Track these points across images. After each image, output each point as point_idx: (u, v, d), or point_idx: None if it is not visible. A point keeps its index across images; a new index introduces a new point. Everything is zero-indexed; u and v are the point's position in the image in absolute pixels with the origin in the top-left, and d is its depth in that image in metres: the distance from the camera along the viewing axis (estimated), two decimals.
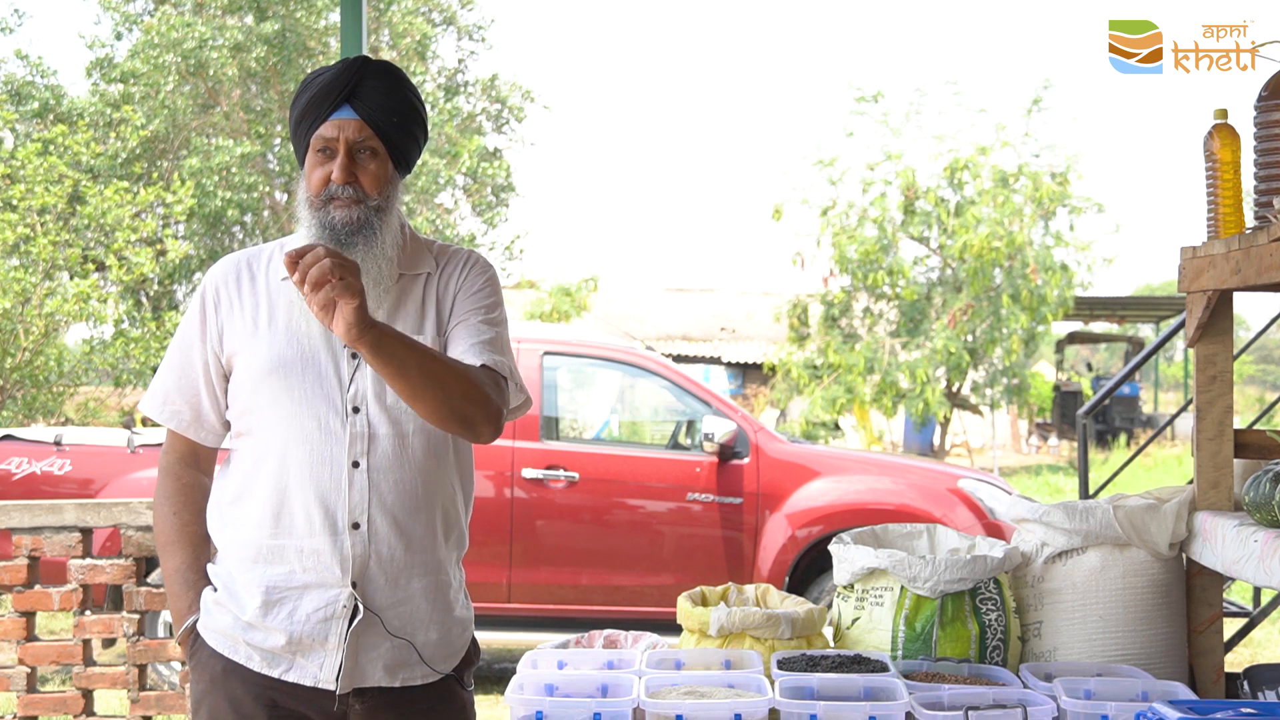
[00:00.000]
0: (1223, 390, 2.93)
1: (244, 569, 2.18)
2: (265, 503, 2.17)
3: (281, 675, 2.17)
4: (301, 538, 2.15)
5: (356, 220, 2.15)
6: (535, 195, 74.10)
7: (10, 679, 3.92)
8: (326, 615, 2.15)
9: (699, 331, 25.67)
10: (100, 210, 13.09)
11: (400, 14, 20.13)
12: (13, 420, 12.31)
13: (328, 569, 2.14)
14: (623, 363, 6.79)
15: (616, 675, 2.44)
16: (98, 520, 3.93)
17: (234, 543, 2.21)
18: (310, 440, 2.15)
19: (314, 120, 2.16)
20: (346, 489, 2.15)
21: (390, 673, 2.19)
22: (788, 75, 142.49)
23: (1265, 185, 2.59)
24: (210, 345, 2.25)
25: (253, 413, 2.20)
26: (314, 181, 2.17)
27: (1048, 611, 2.84)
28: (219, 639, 2.21)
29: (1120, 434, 21.64)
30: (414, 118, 2.24)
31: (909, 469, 6.89)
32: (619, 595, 6.23)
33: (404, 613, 2.19)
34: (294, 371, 2.17)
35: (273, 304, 2.24)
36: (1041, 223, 18.04)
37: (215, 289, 2.27)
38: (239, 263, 2.30)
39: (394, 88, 2.20)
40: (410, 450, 2.19)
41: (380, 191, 2.18)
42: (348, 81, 2.15)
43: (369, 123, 2.16)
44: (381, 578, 2.17)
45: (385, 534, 2.16)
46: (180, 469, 2.30)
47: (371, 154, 2.17)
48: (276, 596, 2.16)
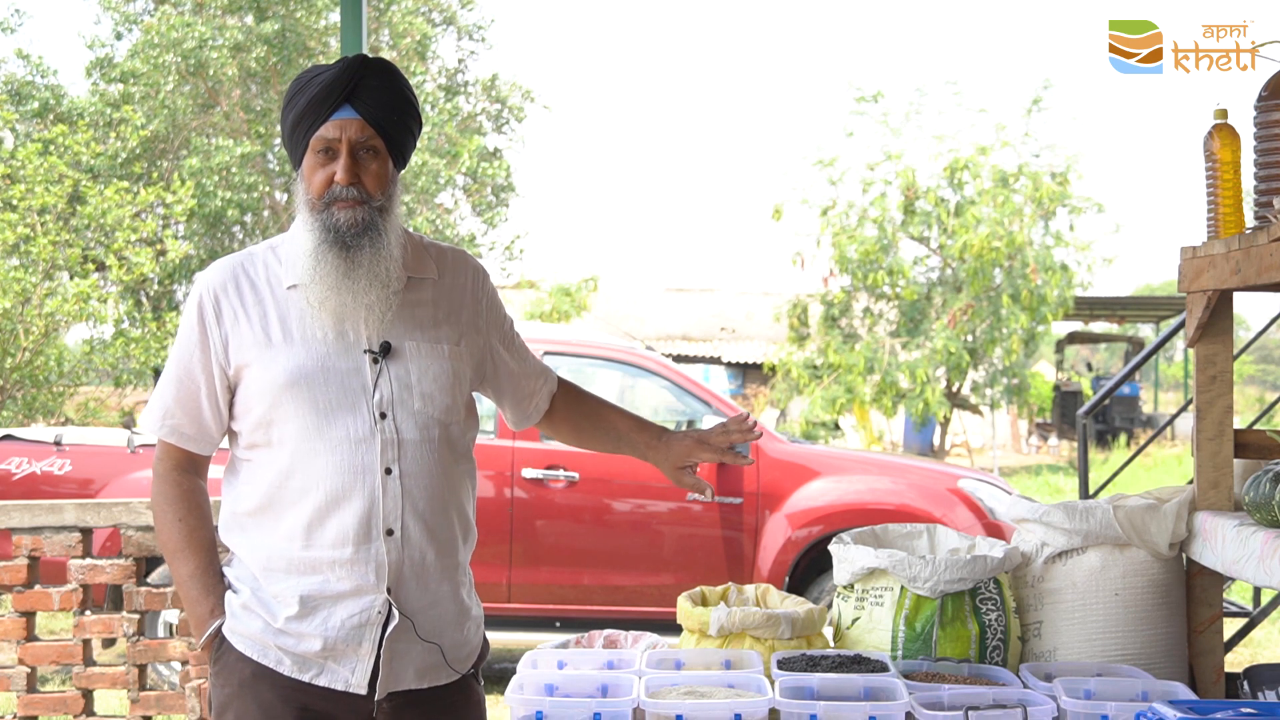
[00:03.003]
0: (1223, 390, 2.93)
1: (273, 580, 2.16)
2: (296, 515, 2.14)
3: (312, 680, 2.15)
4: (335, 548, 2.13)
5: (361, 221, 2.14)
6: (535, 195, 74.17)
7: (10, 679, 3.92)
8: (361, 621, 2.14)
9: (699, 331, 25.67)
10: (100, 210, 13.09)
11: (400, 14, 20.14)
12: (13, 420, 12.31)
13: (363, 577, 2.13)
14: (623, 363, 6.79)
15: (616, 675, 2.44)
16: (98, 520, 3.93)
17: (259, 552, 2.18)
18: (339, 450, 2.13)
19: (314, 121, 2.14)
20: (380, 496, 2.13)
21: (420, 676, 2.20)
22: (788, 75, 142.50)
23: (1265, 185, 2.59)
24: (215, 357, 2.20)
25: (273, 425, 2.16)
26: (316, 183, 2.15)
27: (1048, 611, 2.84)
28: (247, 643, 2.18)
29: (1120, 434, 21.63)
30: (412, 113, 2.23)
31: (909, 469, 6.89)
32: (619, 595, 6.23)
33: (434, 615, 2.20)
34: (316, 382, 2.14)
35: (283, 314, 2.19)
36: (1041, 223, 18.03)
37: (215, 298, 2.21)
38: (234, 269, 2.24)
39: (393, 85, 2.19)
40: (437, 453, 2.20)
41: (383, 191, 2.17)
42: (349, 81, 2.14)
43: (371, 122, 2.15)
44: (414, 582, 2.17)
45: (418, 539, 2.16)
46: (179, 475, 2.26)
47: (373, 153, 2.16)
48: (312, 605, 2.14)
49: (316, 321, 2.16)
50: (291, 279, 2.19)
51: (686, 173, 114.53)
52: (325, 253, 2.13)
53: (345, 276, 2.13)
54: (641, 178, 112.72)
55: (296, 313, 2.19)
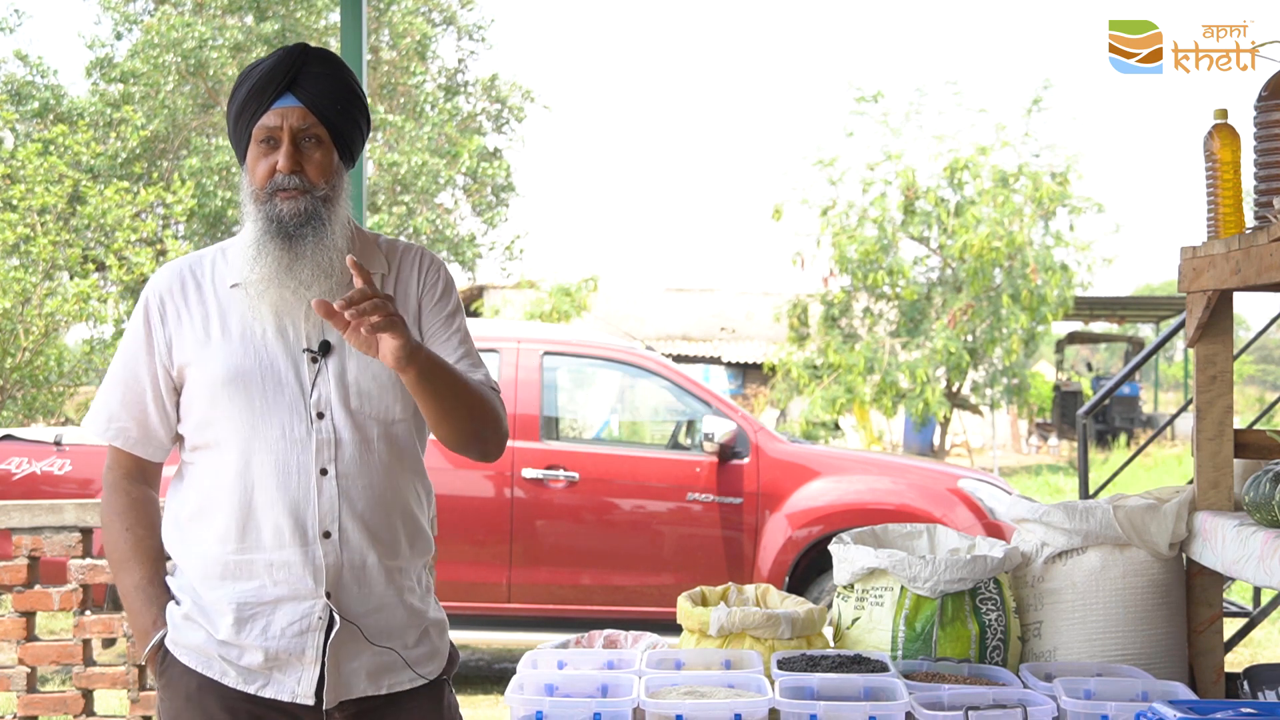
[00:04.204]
0: (1223, 390, 2.93)
1: (210, 586, 2.12)
2: (229, 517, 2.10)
3: (258, 691, 2.11)
4: (270, 550, 2.09)
5: (304, 211, 2.10)
6: (535, 195, 74.17)
7: (10, 679, 3.92)
8: (302, 628, 2.09)
9: (699, 331, 25.66)
10: (100, 210, 13.10)
11: (400, 14, 20.15)
12: (13, 420, 12.31)
13: (300, 580, 2.09)
14: (623, 363, 6.78)
15: (616, 675, 2.44)
16: (98, 520, 3.93)
17: (197, 558, 2.14)
18: (275, 449, 2.09)
19: (255, 110, 2.10)
20: (316, 497, 2.09)
21: (374, 680, 2.15)
22: (788, 75, 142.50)
23: (1265, 185, 2.59)
24: (159, 358, 2.17)
25: (211, 425, 2.13)
26: (258, 174, 2.12)
27: (1048, 611, 2.84)
28: (191, 655, 2.14)
29: (1120, 434, 21.63)
30: (357, 104, 2.19)
31: (909, 469, 6.89)
32: (619, 595, 6.23)
33: (382, 619, 2.15)
34: (253, 380, 2.11)
35: (224, 312, 2.16)
36: (1041, 223, 18.04)
37: (160, 300, 2.19)
38: (181, 271, 2.22)
39: (335, 74, 2.16)
40: (376, 454, 2.15)
41: (327, 180, 2.13)
42: (289, 69, 2.10)
43: (313, 110, 2.11)
44: (355, 586, 2.12)
45: (357, 541, 2.11)
46: (128, 484, 2.24)
47: (316, 142, 2.12)
48: (249, 613, 2.09)
49: (256, 320, 2.13)
50: (234, 278, 2.17)
51: (686, 173, 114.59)
52: (267, 243, 2.10)
53: (287, 270, 2.10)
54: (641, 178, 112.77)
55: (237, 311, 2.16)
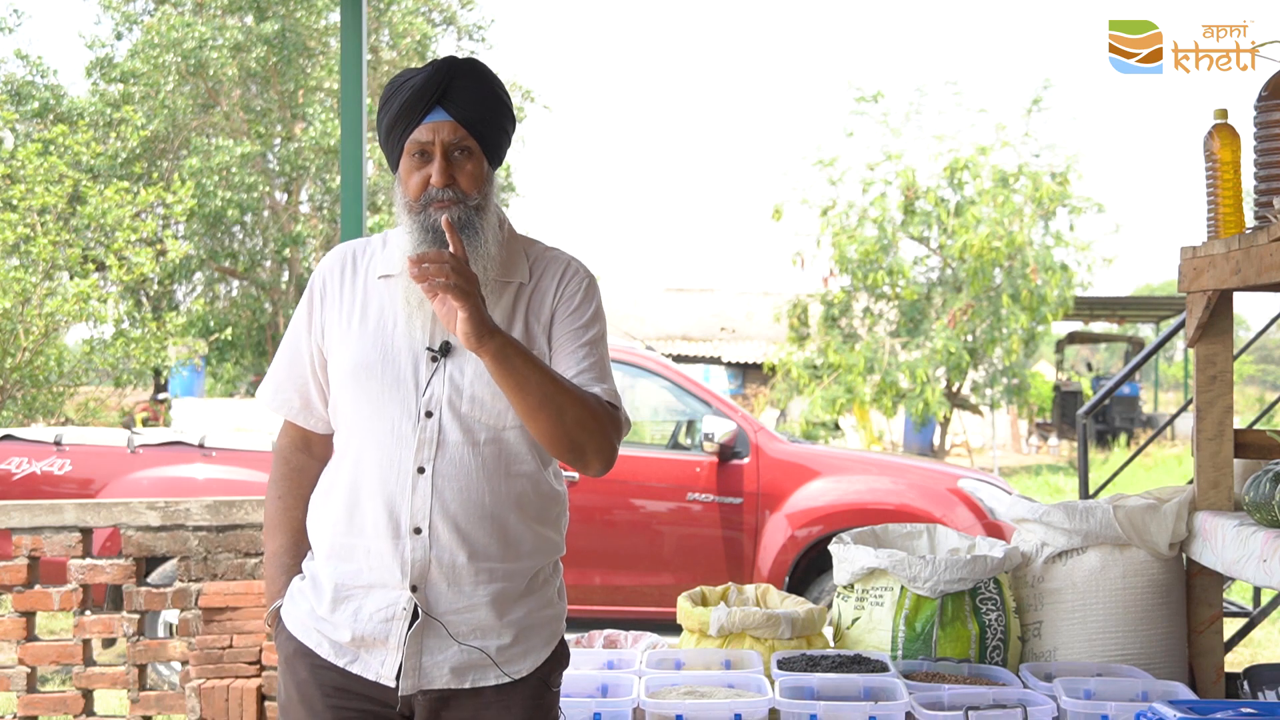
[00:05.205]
0: (1223, 390, 2.93)
1: (321, 562, 2.24)
2: (341, 501, 2.20)
3: (346, 666, 2.20)
4: (369, 538, 2.17)
5: (458, 220, 2.16)
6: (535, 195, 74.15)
7: (10, 679, 3.92)
8: (387, 616, 2.17)
9: (699, 331, 25.67)
10: (100, 210, 13.08)
11: (400, 14, 20.14)
12: (13, 420, 12.30)
13: (389, 571, 2.16)
14: (623, 363, 6.78)
15: (616, 675, 2.44)
16: (98, 520, 3.93)
17: (317, 534, 2.26)
18: (382, 443, 2.17)
19: (407, 125, 2.17)
20: (410, 493, 2.15)
21: (458, 676, 2.19)
22: (788, 75, 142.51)
23: (1265, 185, 2.59)
24: (315, 338, 2.28)
25: (339, 411, 2.24)
26: (412, 186, 2.18)
27: (1048, 611, 2.84)
28: (295, 623, 2.26)
29: (1120, 434, 21.63)
30: (504, 111, 2.25)
31: (909, 469, 6.89)
32: (619, 595, 6.23)
33: (472, 619, 2.18)
34: (374, 373, 2.19)
35: (366, 302, 2.25)
36: (1041, 223, 18.03)
37: (323, 281, 2.30)
38: (346, 255, 2.32)
39: (483, 85, 2.21)
40: (481, 459, 2.18)
41: (479, 190, 2.19)
42: (439, 84, 2.16)
43: (462, 123, 2.17)
44: (443, 583, 2.17)
45: (447, 540, 2.16)
46: (290, 453, 2.35)
47: (467, 153, 2.18)
48: (345, 594, 2.19)
49: (391, 313, 2.21)
50: (385, 268, 2.25)
51: (686, 173, 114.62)
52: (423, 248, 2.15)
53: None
54: (641, 178, 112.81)
55: (377, 303, 2.24)
